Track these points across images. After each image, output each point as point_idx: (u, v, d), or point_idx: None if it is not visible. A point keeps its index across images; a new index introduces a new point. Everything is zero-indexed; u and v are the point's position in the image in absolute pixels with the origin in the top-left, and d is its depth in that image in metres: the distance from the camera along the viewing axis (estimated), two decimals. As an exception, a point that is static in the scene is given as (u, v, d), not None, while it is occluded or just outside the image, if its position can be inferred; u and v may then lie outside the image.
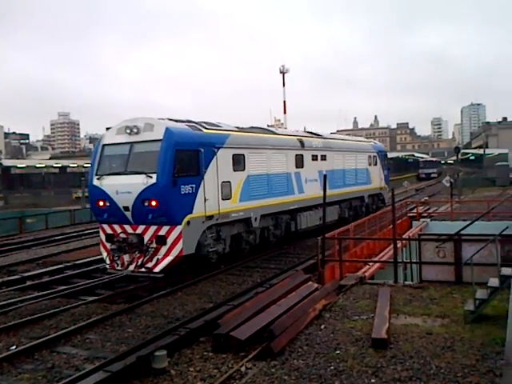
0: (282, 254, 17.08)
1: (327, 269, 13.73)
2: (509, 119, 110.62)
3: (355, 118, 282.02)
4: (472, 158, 69.84)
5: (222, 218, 14.32)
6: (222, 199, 14.35)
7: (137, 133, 13.34)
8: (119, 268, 13.21)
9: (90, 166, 15.22)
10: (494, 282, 9.10)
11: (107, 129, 15.51)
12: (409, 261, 14.91)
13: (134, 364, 7.40)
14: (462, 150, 76.97)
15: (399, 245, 15.30)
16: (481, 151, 63.26)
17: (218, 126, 15.63)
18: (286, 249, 17.86)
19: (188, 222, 13.04)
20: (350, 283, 12.20)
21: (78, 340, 9.08)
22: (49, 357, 8.33)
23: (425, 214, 26.85)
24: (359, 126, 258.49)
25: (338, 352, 7.89)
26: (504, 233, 12.06)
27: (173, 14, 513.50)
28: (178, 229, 12.84)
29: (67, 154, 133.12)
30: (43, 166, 56.89)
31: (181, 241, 12.83)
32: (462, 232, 13.90)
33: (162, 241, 12.86)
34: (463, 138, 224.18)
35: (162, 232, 12.87)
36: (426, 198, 35.92)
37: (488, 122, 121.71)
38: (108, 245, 13.68)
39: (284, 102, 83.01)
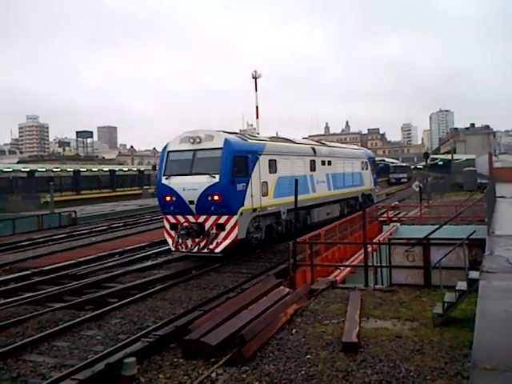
0: (254, 259, 17.05)
1: (299, 273, 13.77)
2: (476, 126, 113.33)
3: (327, 123, 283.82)
4: (440, 163, 71.09)
5: (261, 211, 17.49)
6: (262, 196, 17.55)
7: (199, 142, 16.52)
8: (184, 250, 16.29)
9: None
10: (461, 285, 9.24)
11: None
12: (379, 265, 15.08)
13: (103, 371, 7.26)
14: (431, 156, 78.47)
15: (370, 249, 15.44)
16: (449, 157, 64.46)
17: (256, 136, 19.71)
18: (258, 253, 17.84)
19: (241, 213, 16.19)
20: (322, 287, 12.25)
21: (45, 348, 8.86)
22: (14, 365, 8.09)
23: (395, 219, 27.23)
24: (331, 131, 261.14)
25: (308, 356, 7.89)
26: (471, 237, 12.28)
27: (135, 18, 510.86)
28: (235, 218, 15.97)
29: (36, 157, 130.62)
30: (10, 170, 55.66)
31: (236, 227, 15.97)
32: (431, 236, 14.12)
33: (221, 228, 15.93)
34: (432, 144, 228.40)
35: (222, 220, 15.94)
36: (396, 203, 36.43)
37: (456, 128, 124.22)
38: (172, 232, 16.63)
39: (256, 107, 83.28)
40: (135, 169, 75.40)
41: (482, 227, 15.24)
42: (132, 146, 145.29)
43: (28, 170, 55.25)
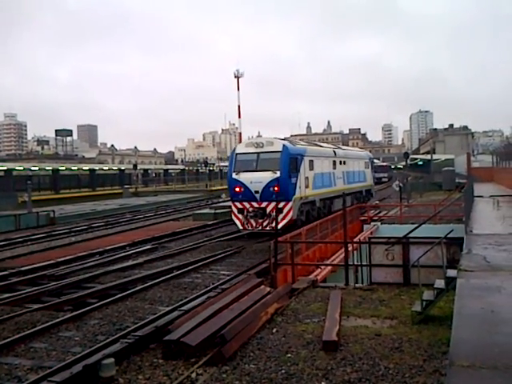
0: (235, 259, 17.04)
1: (280, 272, 13.79)
2: (455, 126, 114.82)
3: (308, 122, 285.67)
4: (420, 163, 71.92)
5: (305, 199, 22.32)
6: (305, 187, 22.39)
7: (261, 146, 21.61)
8: (249, 228, 21.19)
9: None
10: (439, 283, 9.34)
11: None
12: (359, 264, 15.18)
13: (81, 373, 7.17)
14: (411, 156, 79.28)
15: (350, 248, 15.54)
16: (428, 157, 65.27)
17: (299, 142, 25.35)
18: (239, 253, 17.84)
19: (294, 200, 21.06)
20: (302, 286, 12.29)
21: (22, 349, 8.71)
22: (-11, 368, 7.95)
23: (375, 218, 27.44)
24: (313, 131, 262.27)
25: (289, 355, 7.90)
26: (450, 236, 12.43)
27: (101, 17, 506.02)
28: (290, 204, 20.88)
29: (14, 156, 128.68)
30: (-13, 168, 54.76)
31: (291, 211, 20.86)
32: (410, 235, 14.27)
33: (279, 211, 19.82)
34: (412, 144, 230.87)
35: (280, 205, 20.09)
36: (377, 202, 36.74)
37: (435, 129, 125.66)
38: (239, 216, 21.35)
39: (238, 106, 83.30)
40: (116, 168, 74.77)
41: (460, 226, 15.45)
42: (113, 145, 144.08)
43: (5, 168, 54.34)
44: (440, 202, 27.57)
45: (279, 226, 17.90)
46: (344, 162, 29.23)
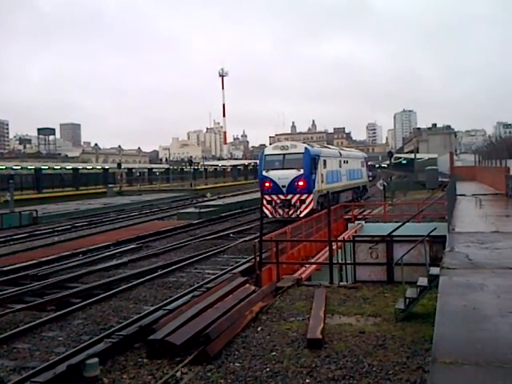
0: (219, 257, 17.03)
1: (265, 271, 13.81)
2: (438, 126, 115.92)
3: (293, 122, 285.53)
4: (404, 162, 72.45)
5: (321, 192, 26.21)
6: (321, 182, 26.65)
7: (287, 149, 26.06)
8: (277, 216, 24.83)
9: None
10: (422, 281, 9.44)
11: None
12: (344, 262, 15.28)
13: (64, 373, 7.11)
14: (395, 155, 79.78)
15: (335, 246, 15.63)
16: (412, 156, 65.77)
17: (315, 145, 29.66)
18: (224, 252, 17.82)
19: (314, 193, 25.15)
20: (287, 285, 12.32)
21: (5, 350, 8.60)
22: (-29, 369, 7.84)
23: (360, 216, 27.57)
24: (297, 130, 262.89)
25: (273, 353, 7.92)
26: (433, 234, 12.57)
27: (73, 17, 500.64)
28: (311, 196, 24.96)
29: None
30: (-32, 168, 53.98)
31: (312, 202, 24.88)
32: (394, 233, 14.39)
33: (302, 202, 24.86)
34: (396, 143, 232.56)
35: (303, 197, 24.86)
36: (362, 201, 36.93)
37: (419, 128, 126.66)
38: (268, 206, 24.97)
39: (223, 105, 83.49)
40: (100, 167, 74.19)
41: (443, 224, 15.59)
42: (96, 144, 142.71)
43: (-14, 168, 53.61)
44: (423, 201, 27.80)
45: (302, 214, 24.05)
46: (347, 162, 33.87)
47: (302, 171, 25.02)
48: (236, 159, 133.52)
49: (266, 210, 24.53)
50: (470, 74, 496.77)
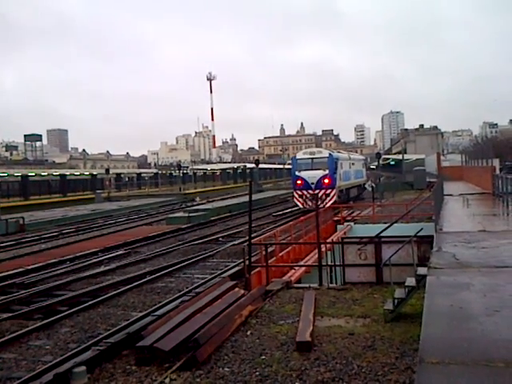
0: (209, 262, 16.97)
1: (254, 274, 13.77)
2: (425, 126, 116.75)
3: (282, 124, 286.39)
4: (392, 163, 72.60)
5: (339, 188, 33.43)
6: (340, 180, 33.75)
7: (314, 154, 33.55)
8: (307, 207, 30.29)
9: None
10: (410, 281, 9.46)
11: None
12: (333, 264, 15.27)
13: (51, 382, 7.03)
14: (383, 156, 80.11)
15: (324, 248, 15.63)
16: (400, 157, 66.07)
17: (334, 151, 38.24)
18: (213, 256, 17.77)
19: (335, 188, 32.10)
20: (276, 288, 12.29)
21: (-10, 361, 8.50)
22: (-44, 381, 7.72)
23: (349, 218, 27.64)
24: (286, 133, 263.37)
25: (263, 357, 7.89)
26: (419, 234, 12.61)
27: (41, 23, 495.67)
28: (334, 191, 31.95)
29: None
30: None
31: (335, 195, 31.91)
32: (382, 234, 14.42)
33: (327, 195, 31.53)
34: (384, 144, 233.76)
35: (328, 192, 31.61)
36: (350, 202, 37.06)
37: (406, 129, 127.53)
38: (300, 199, 31.99)
39: (211, 109, 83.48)
40: (87, 173, 73.74)
41: (430, 224, 15.66)
42: (84, 150, 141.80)
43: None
44: (411, 201, 27.95)
45: (328, 205, 29.97)
46: (354, 164, 41.06)
47: (327, 171, 32.00)
48: (225, 163, 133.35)
49: (297, 203, 32.21)
50: (448, 74, 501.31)
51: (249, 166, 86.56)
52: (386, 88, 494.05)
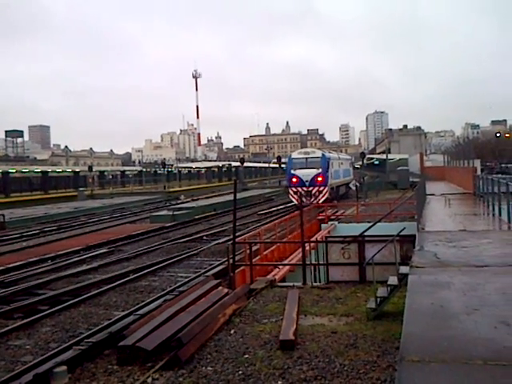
0: (192, 260, 16.92)
1: (238, 273, 13.76)
2: (409, 127, 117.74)
3: (267, 123, 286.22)
4: (376, 162, 73.17)
5: (331, 186, 35.66)
6: (331, 179, 35.84)
7: (308, 154, 36.49)
8: (302, 203, 26.36)
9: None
10: (393, 280, 9.54)
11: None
12: (317, 263, 15.32)
13: (31, 383, 6.94)
14: (368, 156, 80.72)
15: (308, 247, 15.68)
16: (384, 156, 66.56)
17: (326, 151, 40.16)
18: (197, 254, 17.72)
19: (328, 186, 34.38)
20: (260, 287, 12.30)
21: (-31, 361, 8.37)
22: None
23: (333, 217, 27.75)
24: (271, 132, 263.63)
25: (246, 356, 7.89)
26: (402, 233, 12.71)
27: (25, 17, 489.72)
28: (327, 188, 34.26)
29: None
30: None
31: (327, 192, 34.28)
32: (366, 233, 14.51)
33: (320, 192, 34.03)
34: (368, 144, 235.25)
35: (321, 189, 34.08)
36: (335, 201, 37.22)
37: (390, 129, 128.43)
38: (295, 196, 33.22)
39: (197, 106, 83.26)
40: (70, 170, 73.03)
41: (413, 224, 15.79)
42: (67, 146, 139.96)
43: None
44: (395, 201, 28.17)
45: (320, 201, 32.81)
46: (342, 163, 43.35)
47: (320, 170, 34.51)
48: (210, 161, 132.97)
49: (293, 199, 34.39)
50: (432, 76, 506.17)
51: (234, 164, 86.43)
52: (371, 89, 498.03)
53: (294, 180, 34.59)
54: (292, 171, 35.01)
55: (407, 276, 7.90)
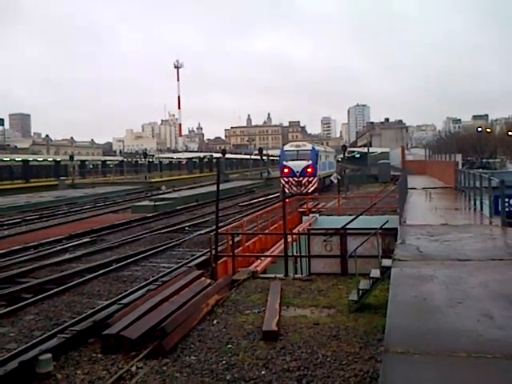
0: (175, 251, 16.92)
1: (220, 264, 13.82)
2: (390, 120, 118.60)
3: (249, 115, 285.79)
4: (357, 156, 73.47)
5: (320, 176, 39.24)
6: (320, 170, 39.01)
7: (299, 147, 39.73)
8: (293, 192, 34.79)
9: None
10: (375, 272, 9.69)
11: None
12: (299, 254, 15.46)
13: (16, 370, 6.93)
14: (349, 149, 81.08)
15: (290, 239, 15.78)
16: (365, 150, 67.00)
17: (315, 144, 45.33)
18: (179, 245, 17.72)
19: (317, 176, 37.76)
20: (243, 278, 12.38)
21: (-49, 349, 8.30)
22: None
23: (314, 210, 27.92)
24: (253, 123, 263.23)
25: (229, 346, 7.97)
26: (384, 226, 12.89)
27: None
28: (316, 178, 37.52)
29: None
30: None
31: (317, 182, 37.62)
32: (348, 226, 14.68)
33: (310, 182, 36.98)
34: (350, 137, 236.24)
35: (310, 179, 37.06)
36: (316, 194, 37.44)
37: (372, 123, 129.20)
38: (286, 185, 36.07)
39: (178, 97, 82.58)
40: (51, 159, 72.05)
41: (395, 217, 16.02)
42: (47, 135, 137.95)
43: None
44: (376, 194, 28.43)
45: (309, 191, 35.65)
46: (328, 156, 46.94)
47: (310, 162, 37.35)
48: (191, 152, 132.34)
49: (284, 188, 36.16)
50: (413, 70, 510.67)
51: (215, 155, 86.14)
52: (353, 82, 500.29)
53: (286, 171, 37.44)
54: (284, 162, 37.91)
55: (390, 269, 8.03)
